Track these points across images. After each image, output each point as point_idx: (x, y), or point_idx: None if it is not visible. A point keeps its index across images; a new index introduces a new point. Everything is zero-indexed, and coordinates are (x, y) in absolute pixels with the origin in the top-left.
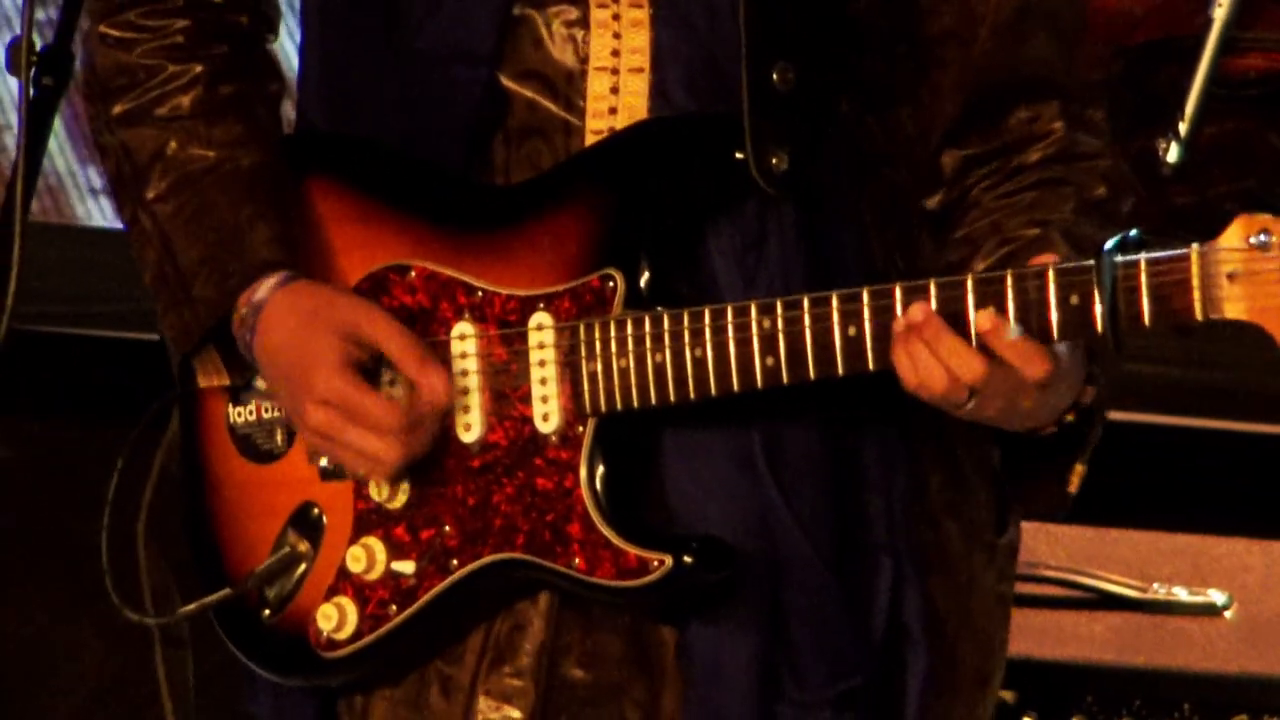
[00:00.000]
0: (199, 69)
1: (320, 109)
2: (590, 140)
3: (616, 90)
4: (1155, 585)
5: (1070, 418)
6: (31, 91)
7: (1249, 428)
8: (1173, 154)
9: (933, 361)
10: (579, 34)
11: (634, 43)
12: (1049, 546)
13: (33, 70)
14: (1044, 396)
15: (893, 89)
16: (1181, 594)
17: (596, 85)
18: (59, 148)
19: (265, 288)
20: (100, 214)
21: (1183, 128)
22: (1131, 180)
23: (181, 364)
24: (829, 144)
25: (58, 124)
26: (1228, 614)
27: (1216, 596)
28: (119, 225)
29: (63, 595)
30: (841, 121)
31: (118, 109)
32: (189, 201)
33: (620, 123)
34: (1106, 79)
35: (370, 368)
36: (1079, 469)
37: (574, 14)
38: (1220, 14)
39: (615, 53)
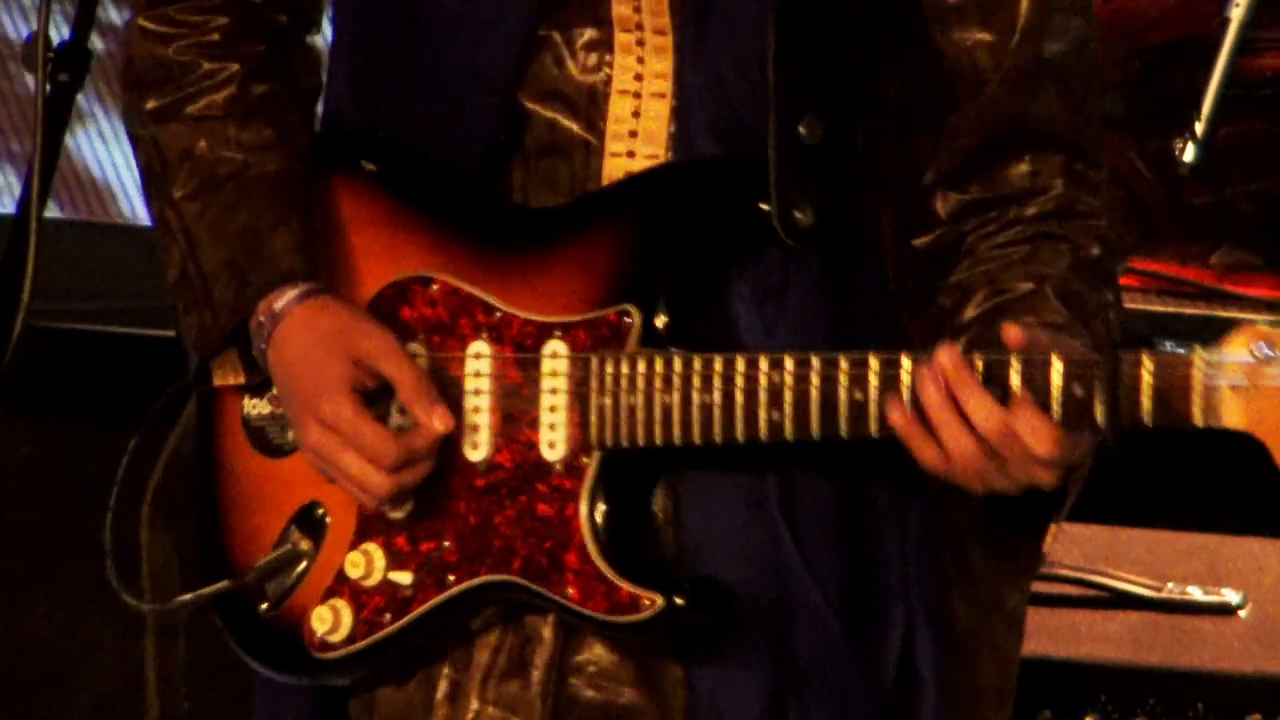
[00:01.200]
0: (235, 68)
1: (347, 119)
2: (609, 161)
3: (638, 114)
4: (1170, 585)
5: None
6: (48, 88)
7: None
8: (1190, 154)
9: (957, 421)
10: (603, 56)
11: (657, 68)
12: (1064, 545)
13: (49, 67)
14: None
15: (909, 124)
16: (1196, 593)
17: (618, 107)
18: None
19: (285, 300)
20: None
21: (1199, 128)
22: (1124, 245)
23: (200, 367)
24: (854, 193)
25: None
26: (1242, 614)
27: (1231, 596)
28: (140, 221)
29: (84, 594)
30: (868, 168)
31: (151, 104)
32: (214, 203)
33: (640, 146)
34: (1123, 79)
35: (378, 392)
36: (1054, 530)
37: (597, 36)
38: (1238, 14)
39: (638, 76)
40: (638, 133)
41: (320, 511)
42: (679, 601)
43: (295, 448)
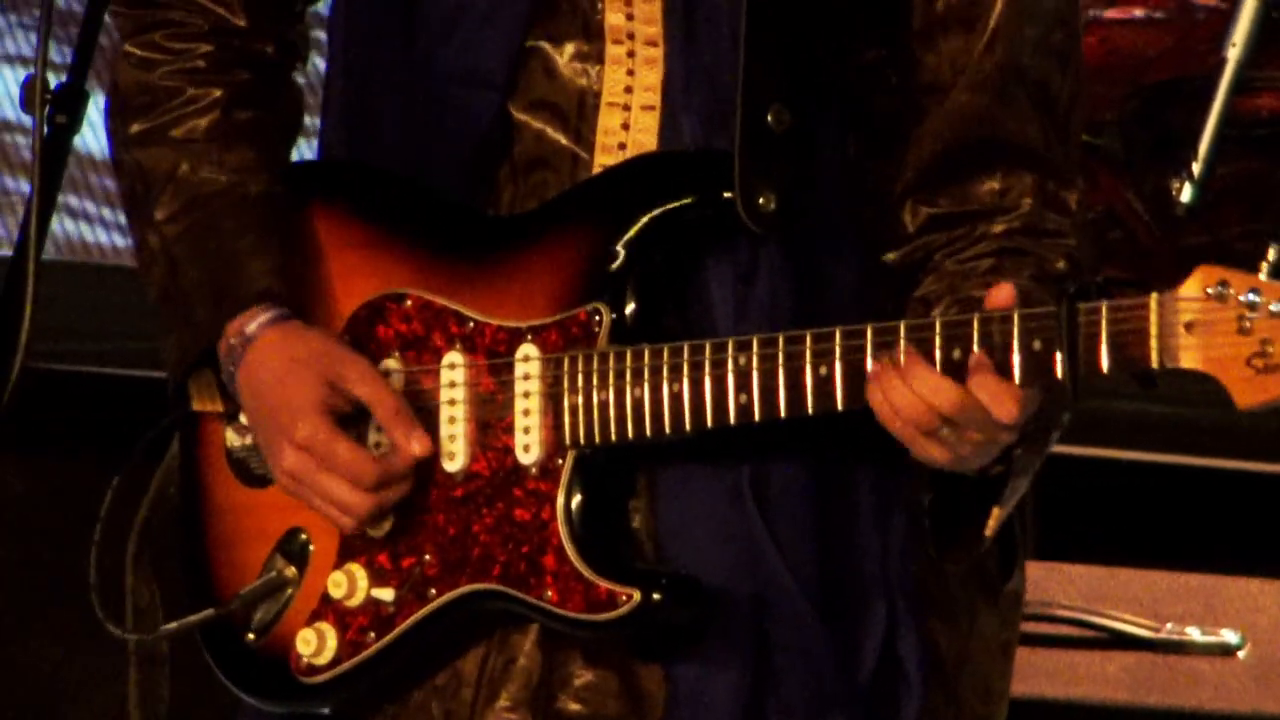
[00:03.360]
0: (218, 94)
1: (340, 133)
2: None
3: (627, 126)
4: (1168, 625)
5: (998, 469)
6: (46, 130)
7: (1262, 468)
8: (1187, 194)
9: (907, 391)
10: (592, 68)
11: (647, 80)
12: (1061, 586)
13: (47, 109)
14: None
15: (889, 132)
16: (1194, 634)
17: (608, 120)
18: None
19: (256, 323)
20: None
21: (1196, 168)
22: (1095, 262)
23: (177, 388)
24: (825, 183)
25: None
26: (1241, 654)
27: (1230, 636)
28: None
29: (78, 629)
30: (840, 160)
31: (135, 128)
32: (195, 223)
33: (629, 157)
34: (1120, 118)
35: (351, 416)
36: (997, 513)
37: (587, 48)
38: (1235, 54)
39: (628, 89)
40: (627, 145)
41: (303, 537)
42: (656, 597)
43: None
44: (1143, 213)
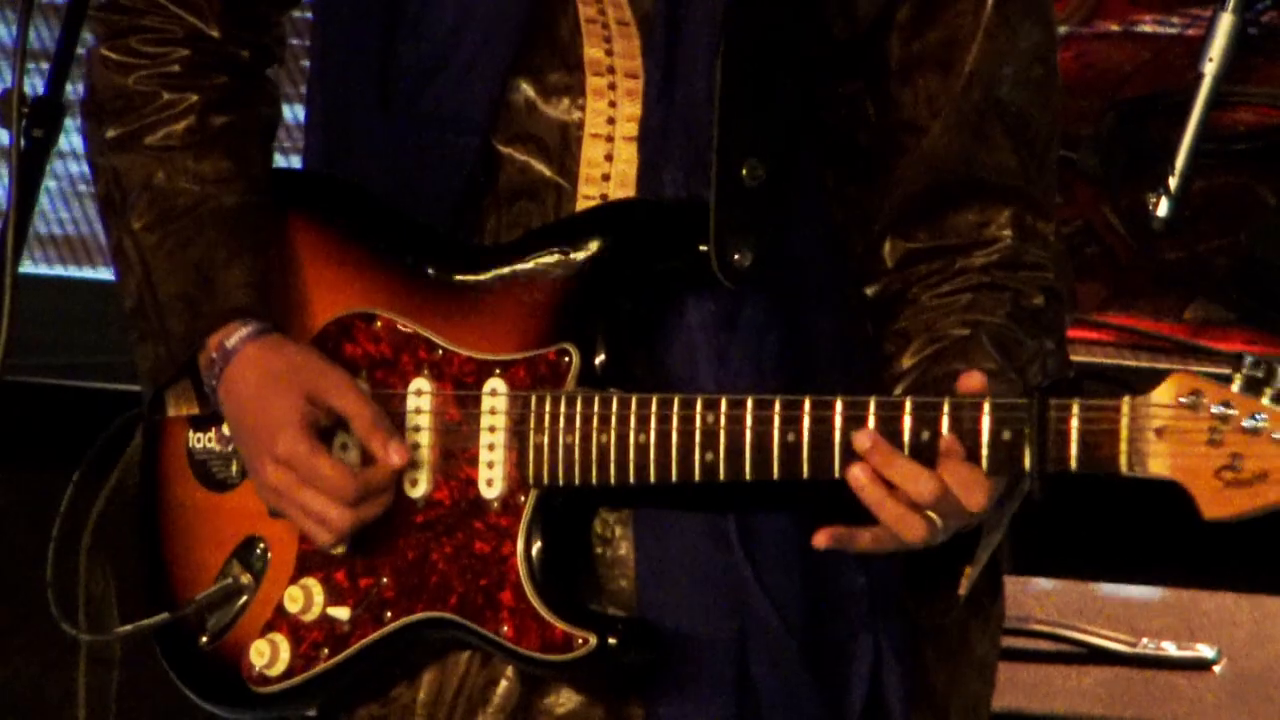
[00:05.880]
0: (194, 98)
1: (323, 156)
2: (581, 204)
3: (611, 157)
4: (1144, 640)
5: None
6: (23, 143)
7: None
8: (1163, 208)
9: (883, 492)
10: (575, 100)
11: (629, 111)
12: (1038, 600)
13: (24, 122)
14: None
15: (868, 164)
16: (1171, 648)
17: (590, 151)
18: None
19: (236, 337)
20: None
21: (1173, 182)
22: (1073, 297)
23: (154, 397)
24: (802, 231)
25: None
26: (1217, 668)
27: (1206, 651)
28: (111, 278)
29: (58, 642)
30: (816, 206)
31: (111, 133)
32: (171, 234)
33: (613, 189)
34: (1097, 133)
35: (327, 428)
36: (969, 572)
37: (569, 80)
38: (1211, 69)
39: (611, 120)
40: (610, 176)
41: (261, 546)
42: (612, 641)
43: (238, 482)
44: (1119, 227)
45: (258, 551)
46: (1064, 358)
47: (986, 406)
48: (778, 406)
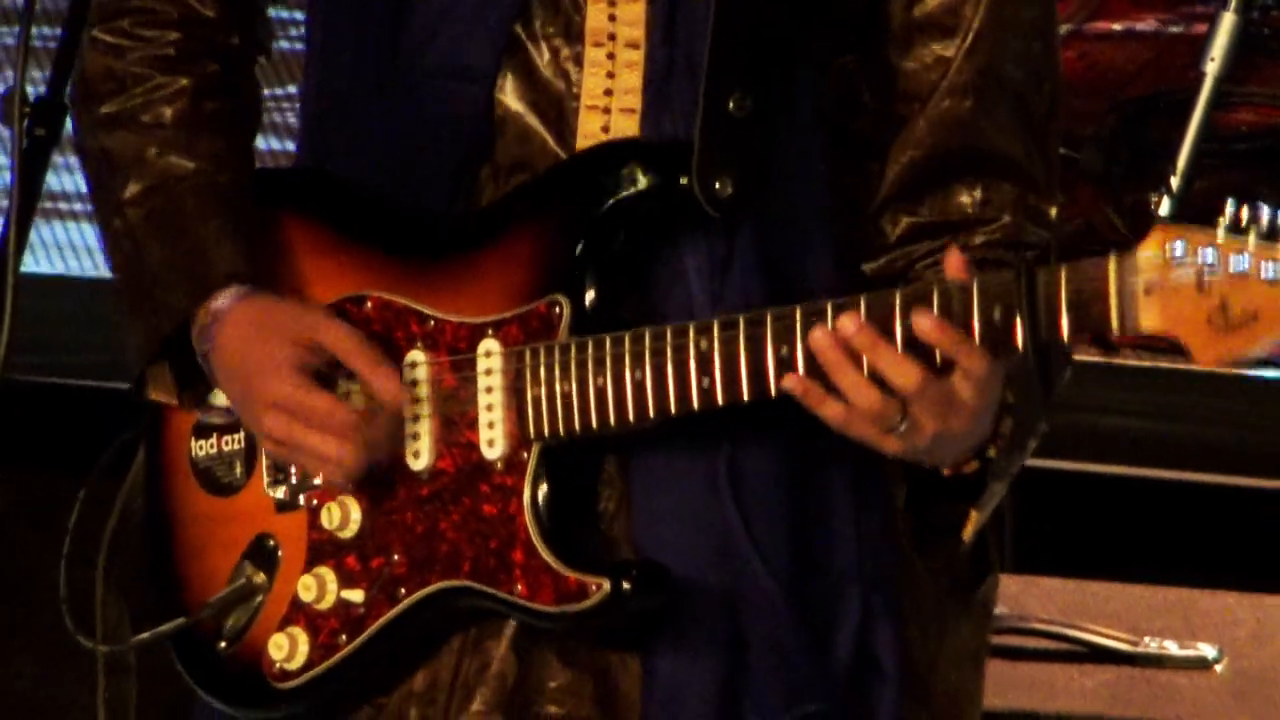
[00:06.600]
0: (185, 82)
1: (318, 134)
2: None
3: (607, 129)
4: (1146, 639)
5: (974, 466)
6: (24, 143)
7: (1240, 482)
8: (1165, 208)
9: (862, 380)
10: (573, 71)
11: (628, 83)
12: (1039, 599)
13: (26, 121)
14: (976, 412)
15: (864, 148)
16: (1172, 648)
17: (588, 123)
18: None
19: (225, 296)
20: None
21: (1175, 182)
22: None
23: (137, 378)
24: (792, 173)
25: None
26: (1218, 668)
27: (1207, 650)
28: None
29: (61, 645)
30: (809, 153)
31: (103, 111)
32: (160, 207)
33: None
34: (1099, 133)
35: (326, 375)
36: (974, 515)
37: (567, 50)
38: (1213, 69)
39: (608, 91)
40: None
41: (272, 543)
42: (626, 586)
43: (243, 483)
44: (1121, 227)
45: (268, 548)
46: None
47: (975, 286)
48: (769, 320)
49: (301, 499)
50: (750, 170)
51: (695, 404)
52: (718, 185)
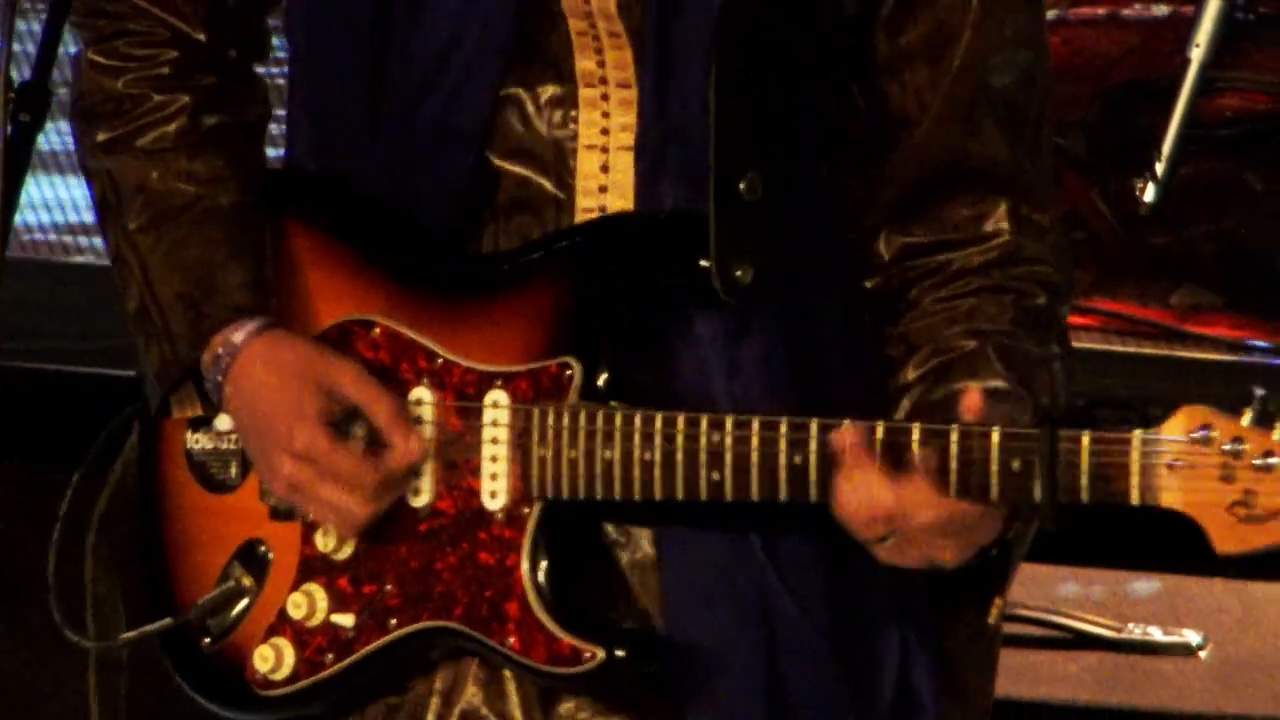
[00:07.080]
0: (185, 99)
1: (311, 164)
2: (580, 216)
3: (606, 168)
4: (1131, 625)
5: (993, 551)
6: (9, 129)
7: None
8: (1150, 194)
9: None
10: (568, 112)
11: (623, 120)
12: (1024, 586)
13: (10, 107)
14: (966, 540)
15: (862, 155)
16: (1157, 634)
17: (586, 163)
18: None
19: (244, 332)
20: None
21: (1160, 168)
22: (1070, 276)
23: (163, 396)
24: (805, 238)
25: None
26: (1203, 654)
27: (1192, 637)
28: (101, 263)
29: (47, 632)
30: (817, 210)
31: (101, 136)
32: (168, 236)
33: (611, 200)
34: (1084, 119)
35: (339, 420)
36: (999, 602)
37: (560, 92)
38: (1198, 55)
39: (604, 131)
40: (608, 187)
41: (263, 549)
42: (619, 654)
43: (238, 483)
44: (1107, 213)
45: (259, 554)
46: (1068, 359)
47: (995, 436)
48: (784, 428)
49: (296, 511)
50: (767, 255)
51: (703, 494)
52: (738, 273)
